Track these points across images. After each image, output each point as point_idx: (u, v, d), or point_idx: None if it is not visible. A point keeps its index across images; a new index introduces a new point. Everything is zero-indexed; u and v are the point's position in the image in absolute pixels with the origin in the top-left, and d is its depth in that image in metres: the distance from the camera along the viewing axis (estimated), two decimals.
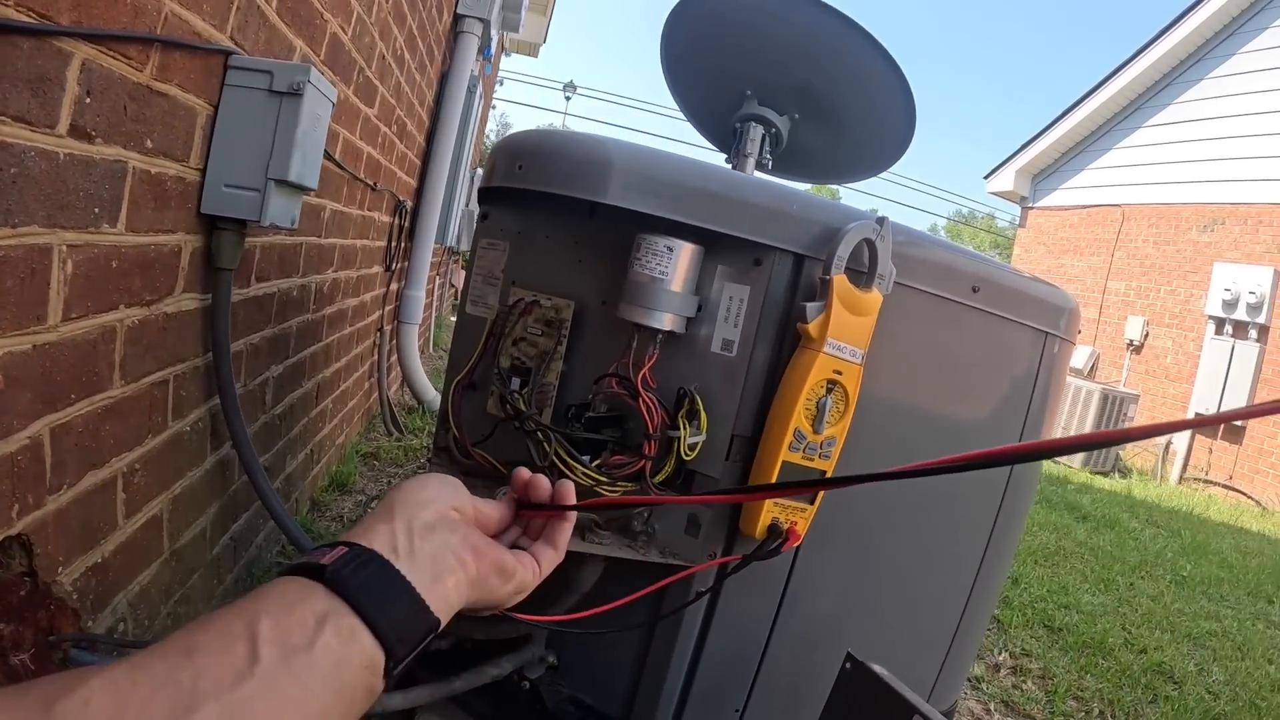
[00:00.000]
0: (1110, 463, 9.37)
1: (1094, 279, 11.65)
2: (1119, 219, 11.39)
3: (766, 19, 2.15)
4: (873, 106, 2.23)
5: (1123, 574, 4.62)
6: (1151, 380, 10.69)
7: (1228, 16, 10.29)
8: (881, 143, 2.38)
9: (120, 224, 1.21)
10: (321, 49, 2.00)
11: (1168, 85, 11.07)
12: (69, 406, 1.15)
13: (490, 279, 1.64)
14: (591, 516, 1.38)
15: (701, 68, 2.39)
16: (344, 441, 3.43)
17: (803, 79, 2.16)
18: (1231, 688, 3.19)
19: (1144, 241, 11.08)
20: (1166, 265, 10.76)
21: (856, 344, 1.32)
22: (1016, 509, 1.80)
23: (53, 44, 0.97)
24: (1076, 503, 6.44)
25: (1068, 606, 3.75)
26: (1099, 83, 11.66)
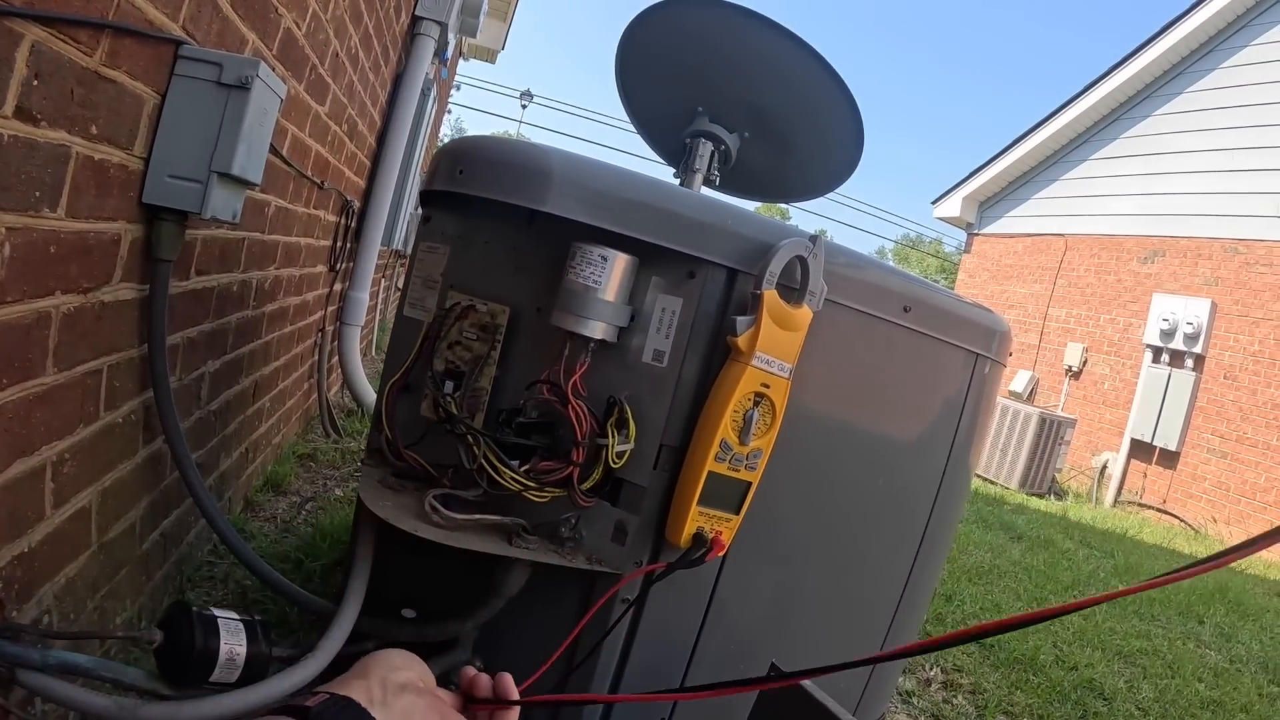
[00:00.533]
0: (1046, 484, 9.57)
1: (1036, 305, 11.92)
2: (1062, 248, 11.66)
3: (721, 37, 2.19)
4: (822, 128, 2.28)
5: (1056, 593, 4.71)
6: (1089, 406, 10.95)
7: (1177, 56, 10.64)
8: (830, 164, 2.43)
9: (61, 209, 1.20)
10: (274, 43, 2.00)
11: (1116, 119, 11.39)
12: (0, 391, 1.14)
13: (429, 282, 1.65)
14: (519, 520, 1.40)
15: (655, 82, 2.42)
16: (280, 442, 3.39)
17: (754, 98, 2.20)
18: (1161, 705, 3.27)
19: (1086, 270, 11.37)
20: (1107, 294, 11.04)
21: (785, 358, 1.36)
22: (945, 521, 1.85)
23: (4, 24, 0.97)
24: (1012, 523, 6.56)
25: None
26: (1048, 115, 11.96)
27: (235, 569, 2.29)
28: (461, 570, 1.46)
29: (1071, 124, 11.70)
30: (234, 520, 2.58)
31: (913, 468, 1.73)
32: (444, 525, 1.36)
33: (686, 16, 2.23)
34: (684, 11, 2.22)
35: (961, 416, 1.76)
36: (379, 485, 1.52)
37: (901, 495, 1.73)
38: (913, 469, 1.73)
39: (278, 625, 2.07)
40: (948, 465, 1.76)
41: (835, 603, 1.71)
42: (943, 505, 1.80)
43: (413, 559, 1.53)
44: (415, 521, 1.37)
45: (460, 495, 1.41)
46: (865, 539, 1.70)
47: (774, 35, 2.11)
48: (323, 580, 2.38)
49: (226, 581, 2.26)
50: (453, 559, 1.37)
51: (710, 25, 2.21)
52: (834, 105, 2.19)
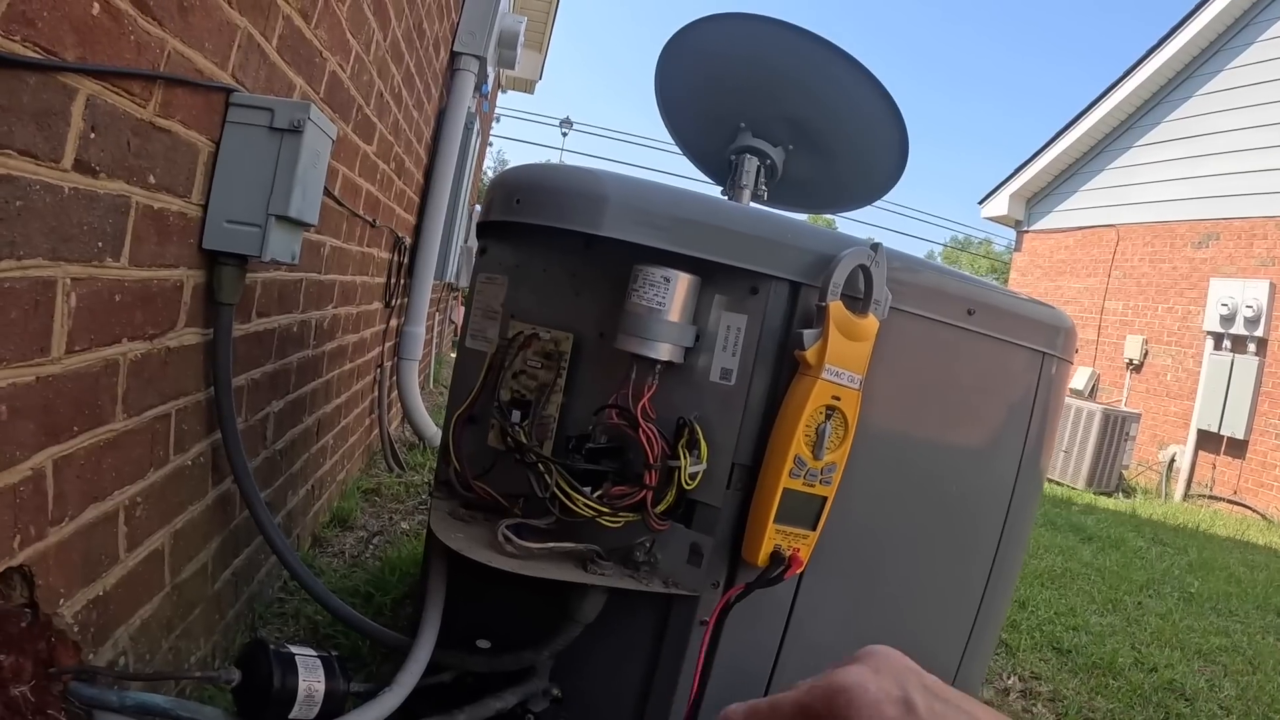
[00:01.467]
0: (1114, 482, 9.34)
1: (1091, 300, 11.67)
2: (1114, 239, 11.43)
3: (758, 52, 2.18)
4: (865, 135, 2.26)
5: (1130, 593, 4.58)
6: (1152, 399, 10.68)
7: (1213, 34, 10.40)
8: (875, 171, 2.40)
9: (123, 258, 1.22)
10: (321, 87, 2.02)
11: (1158, 104, 11.15)
12: (71, 438, 1.15)
13: (489, 313, 1.65)
14: (593, 547, 1.38)
15: (695, 102, 2.42)
16: (345, 477, 3.42)
17: (795, 110, 2.19)
18: (1244, 702, 3.16)
19: (1140, 260, 11.11)
20: (1163, 283, 10.78)
21: (854, 369, 1.33)
22: (1019, 526, 1.80)
23: (58, 79, 0.99)
24: (1081, 524, 6.40)
25: (1076, 628, 3.72)
26: (1089, 105, 11.75)
27: (306, 604, 2.30)
28: (534, 599, 1.45)
29: (1113, 112, 11.48)
30: (303, 556, 2.60)
31: (985, 473, 1.69)
32: (518, 555, 1.35)
33: (721, 33, 2.22)
34: (718, 28, 2.22)
35: (1031, 418, 1.71)
36: (449, 517, 1.51)
37: (974, 502, 1.69)
38: (985, 474, 1.69)
39: (350, 659, 2.06)
40: (1020, 469, 1.72)
41: (911, 616, 1.67)
42: (1017, 510, 1.75)
43: (485, 589, 1.53)
44: (489, 552, 1.36)
45: (532, 524, 1.40)
46: (940, 549, 1.66)
47: (811, 45, 2.10)
48: (392, 613, 2.38)
49: (298, 617, 2.27)
50: (525, 588, 1.36)
51: (746, 40, 2.20)
52: (876, 112, 2.16)
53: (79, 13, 1.00)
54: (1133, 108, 11.39)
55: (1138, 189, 11.18)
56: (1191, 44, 10.55)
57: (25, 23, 0.90)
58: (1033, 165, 12.58)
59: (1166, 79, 10.98)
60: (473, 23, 4.35)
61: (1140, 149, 11.28)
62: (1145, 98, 11.25)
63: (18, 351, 1.00)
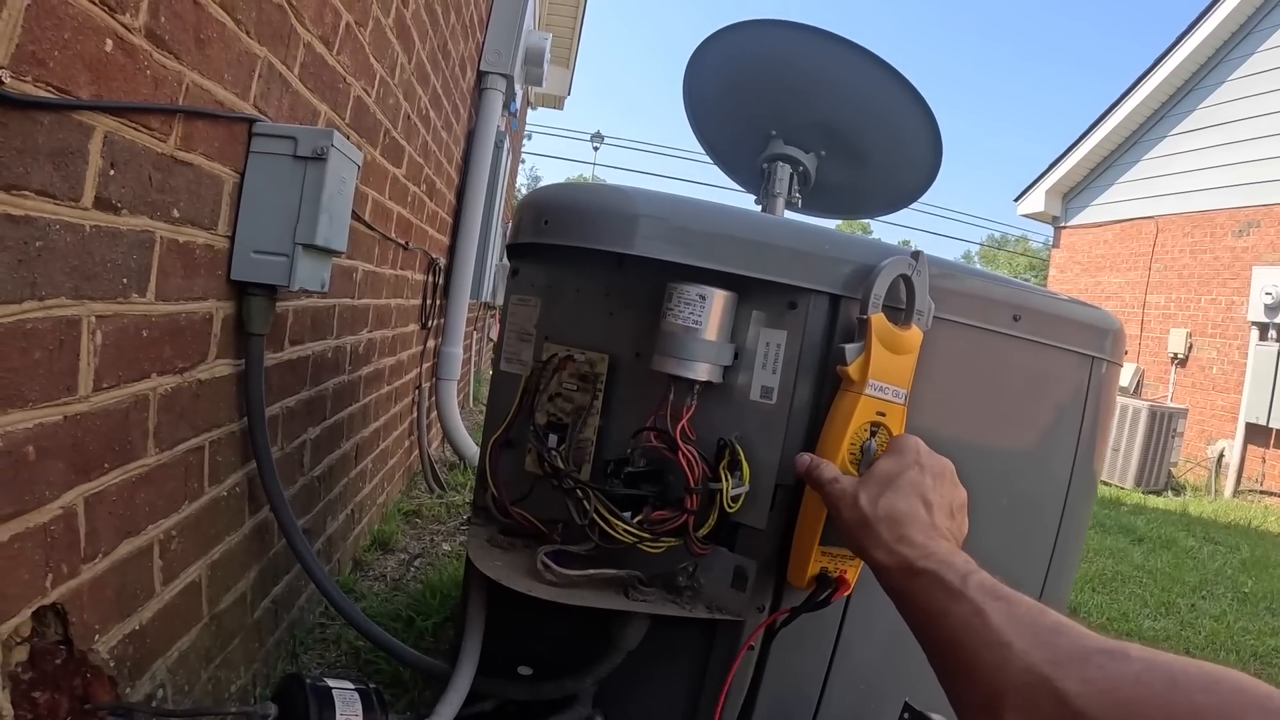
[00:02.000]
0: (1162, 480, 9.15)
1: (1133, 294, 11.45)
2: (1153, 231, 11.21)
3: (786, 57, 2.14)
4: (898, 138, 2.21)
5: (1183, 595, 4.49)
6: (1198, 393, 10.44)
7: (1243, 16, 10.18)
8: (910, 173, 2.36)
9: (149, 293, 1.22)
10: (346, 112, 2.02)
11: (1190, 91, 10.94)
12: (102, 475, 1.15)
13: (523, 335, 1.63)
14: (634, 573, 1.35)
15: (725, 110, 2.39)
16: (385, 500, 3.42)
17: (826, 115, 2.15)
18: None
19: (1180, 251, 10.88)
20: (1205, 274, 10.54)
21: (899, 384, 1.29)
22: (1073, 535, 1.74)
23: (73, 118, 0.98)
24: (1131, 525, 6.28)
25: (1129, 634, 3.64)
26: (1121, 95, 11.56)
27: (347, 630, 2.29)
28: (576, 625, 1.42)
29: (1146, 101, 11.28)
30: (344, 581, 2.59)
31: (1036, 483, 1.64)
32: (558, 583, 1.32)
33: (748, 40, 2.19)
34: (745, 36, 2.18)
35: (1083, 424, 1.66)
36: (487, 544, 1.49)
37: (1027, 512, 1.63)
38: (1036, 484, 1.64)
39: (392, 686, 2.05)
40: (1072, 477, 1.67)
41: None
42: (1070, 519, 1.70)
43: (526, 616, 1.50)
44: (529, 580, 1.33)
45: (572, 550, 1.37)
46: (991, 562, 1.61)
47: (839, 48, 2.06)
48: (435, 637, 2.36)
49: (339, 643, 2.26)
50: (567, 614, 1.33)
51: (773, 46, 2.16)
52: (908, 112, 2.12)
53: (91, 50, 0.99)
54: (1165, 96, 11.19)
55: (1174, 179, 10.97)
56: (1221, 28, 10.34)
57: (36, 63, 0.89)
58: (1068, 159, 12.40)
59: (1199, 64, 10.77)
60: (498, 42, 4.36)
61: (1175, 138, 11.08)
62: (1178, 85, 11.05)
63: (44, 392, 0.99)
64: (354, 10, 1.94)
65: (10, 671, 0.99)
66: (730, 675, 1.34)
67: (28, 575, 1.00)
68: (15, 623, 0.98)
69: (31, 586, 1.01)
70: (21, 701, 1.01)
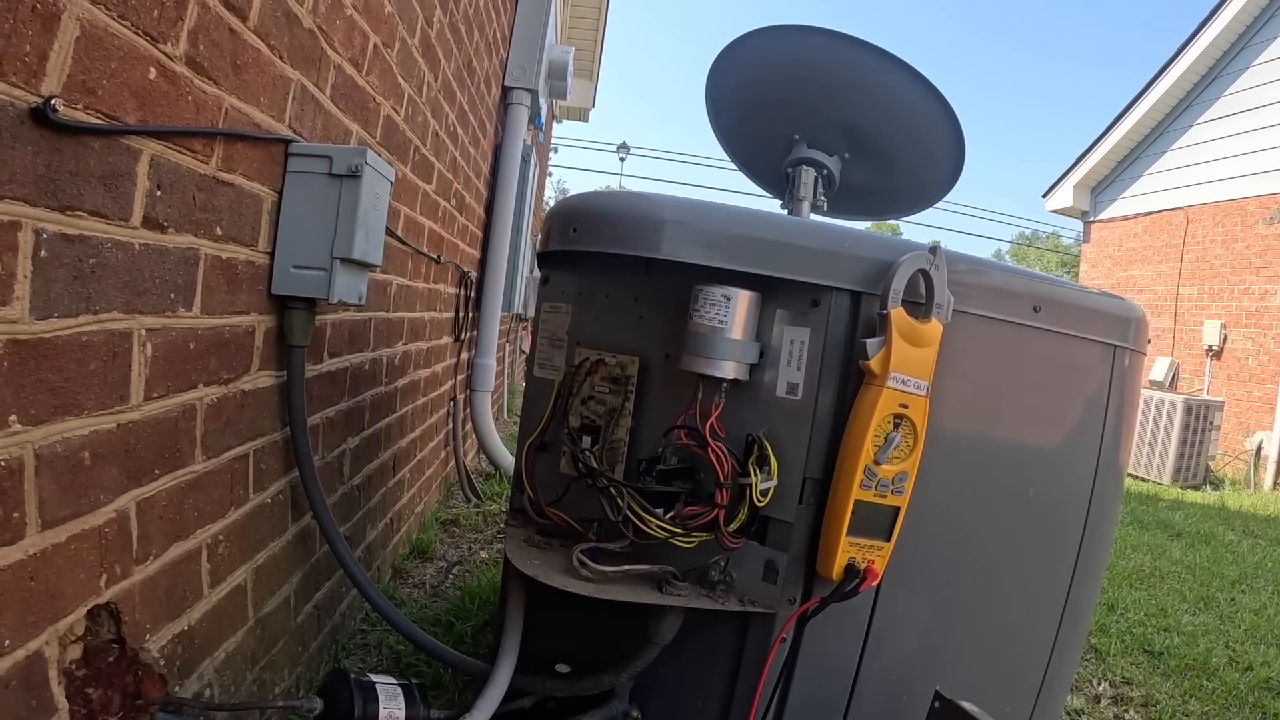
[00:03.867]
0: (1200, 474, 9.02)
1: (1165, 287, 11.29)
2: (1183, 222, 11.05)
3: (807, 61, 2.17)
4: (921, 138, 2.23)
5: (1222, 590, 4.43)
6: (1234, 385, 10.26)
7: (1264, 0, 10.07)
8: (934, 172, 2.37)
9: (195, 307, 1.27)
10: (377, 131, 2.08)
11: (1215, 79, 10.78)
12: (153, 481, 1.21)
13: (555, 341, 1.67)
14: (668, 568, 1.38)
15: (748, 116, 2.42)
16: (423, 509, 3.48)
17: (849, 118, 2.17)
18: None
19: (1211, 241, 10.72)
20: (1237, 263, 10.37)
21: (921, 376, 1.32)
22: (1102, 526, 1.75)
23: (121, 142, 1.04)
24: (1169, 520, 6.20)
25: (1168, 629, 3.60)
26: (1145, 86, 11.42)
27: (388, 635, 2.34)
28: (612, 621, 1.45)
29: (1170, 91, 11.13)
30: (383, 588, 2.64)
31: (1062, 473, 1.65)
32: (594, 579, 1.36)
33: (769, 46, 2.22)
34: (766, 41, 2.22)
35: (1107, 414, 1.67)
36: (525, 544, 1.53)
37: (1053, 503, 1.65)
38: (1062, 474, 1.65)
39: (433, 687, 2.09)
40: (1098, 466, 1.68)
41: (994, 622, 1.63)
42: (1098, 509, 1.71)
43: (562, 614, 1.53)
44: (565, 578, 1.37)
45: (607, 548, 1.40)
46: (1020, 552, 1.63)
47: (859, 51, 2.09)
48: (474, 641, 2.40)
49: (380, 648, 2.31)
50: (602, 611, 1.37)
51: (794, 51, 2.19)
52: (930, 113, 2.14)
53: (137, 78, 1.04)
54: (1190, 85, 11.04)
55: (1202, 168, 10.81)
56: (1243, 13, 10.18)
57: (86, 91, 0.95)
58: (1094, 153, 12.26)
59: (1221, 51, 10.62)
60: (521, 57, 4.42)
61: (1201, 127, 10.92)
62: (1201, 73, 10.90)
63: (98, 400, 1.05)
64: (381, 32, 2.00)
65: (65, 668, 1.04)
66: (765, 667, 1.37)
67: (83, 575, 1.05)
68: (70, 620, 1.04)
69: (86, 586, 1.06)
70: (76, 697, 1.06)
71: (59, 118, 0.90)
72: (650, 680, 1.51)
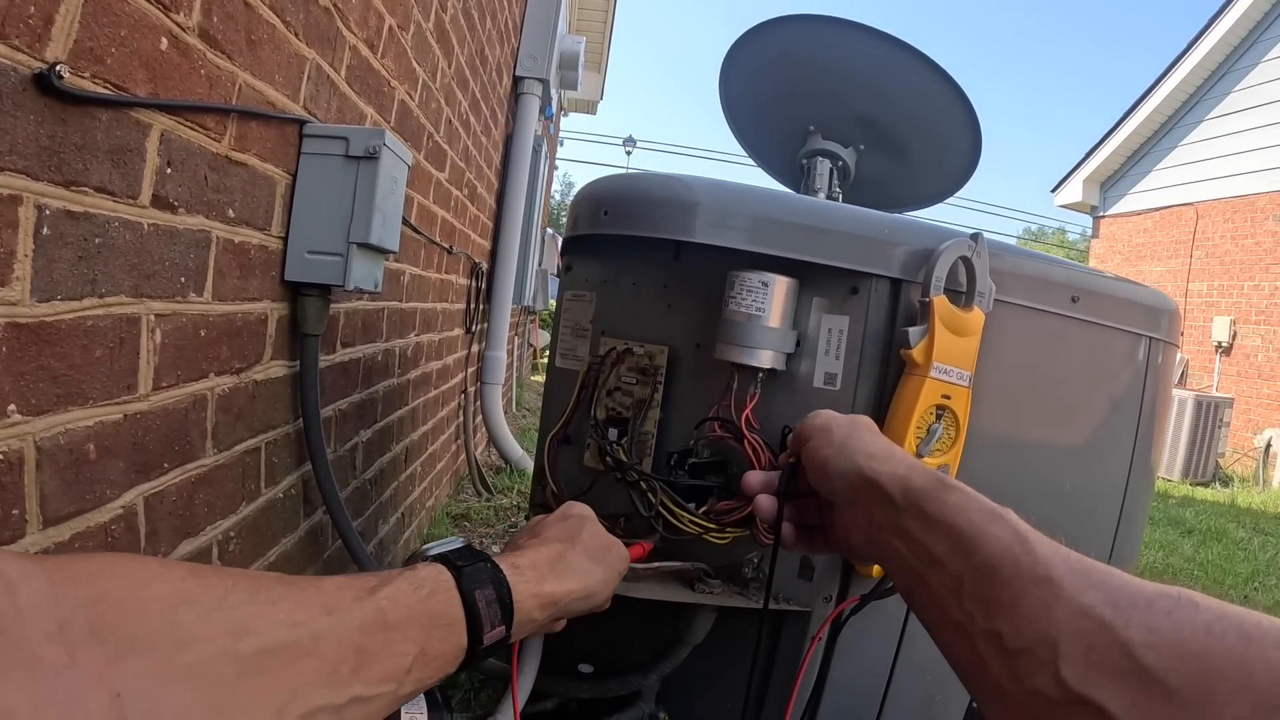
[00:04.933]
0: (1210, 471, 8.97)
1: (1174, 283, 11.23)
2: (1193, 217, 11.00)
3: (821, 52, 2.13)
4: (937, 129, 2.19)
5: (1235, 587, 4.42)
6: (1244, 382, 10.22)
7: None
8: (949, 165, 2.33)
9: (207, 293, 1.22)
10: (391, 115, 2.02)
11: (1225, 74, 10.75)
12: (162, 475, 1.15)
13: (578, 331, 1.61)
14: (701, 565, 1.33)
15: (762, 108, 2.37)
16: (434, 504, 3.43)
17: (864, 109, 2.13)
18: None
19: (1221, 237, 10.68)
20: (1247, 259, 10.33)
21: (963, 366, 1.26)
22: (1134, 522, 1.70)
23: (131, 115, 0.98)
24: (1180, 517, 6.19)
25: None
26: (1155, 81, 11.39)
27: None
28: (639, 620, 1.40)
29: (1180, 86, 11.10)
30: None
31: (1098, 465, 1.60)
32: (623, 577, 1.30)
33: (783, 37, 2.17)
34: (780, 32, 2.17)
35: (1142, 407, 1.62)
36: None
37: (1089, 497, 1.60)
38: (1099, 466, 1.60)
39: (451, 688, 2.04)
40: (1133, 459, 1.63)
41: None
42: (1130, 506, 1.66)
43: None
44: None
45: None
46: None
47: (875, 42, 2.05)
48: None
49: None
50: (629, 609, 1.31)
51: (809, 41, 2.15)
52: (945, 104, 2.10)
53: (148, 48, 0.99)
54: (1199, 80, 11.01)
55: (1212, 164, 10.78)
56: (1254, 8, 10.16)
57: (94, 59, 0.89)
58: (1104, 148, 12.22)
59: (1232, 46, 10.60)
60: (533, 46, 4.38)
61: (1211, 122, 10.88)
62: (1211, 69, 10.87)
63: (104, 390, 0.99)
64: (396, 14, 1.95)
65: None
66: (802, 668, 1.32)
67: None
68: None
69: None
70: None
71: (64, 85, 0.84)
72: (680, 681, 1.46)
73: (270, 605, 0.55)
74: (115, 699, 0.43)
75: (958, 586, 0.64)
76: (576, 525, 0.96)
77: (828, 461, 0.85)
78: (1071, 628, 0.53)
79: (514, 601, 0.75)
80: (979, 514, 0.66)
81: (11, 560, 0.44)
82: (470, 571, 0.72)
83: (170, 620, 0.49)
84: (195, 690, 0.47)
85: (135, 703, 0.44)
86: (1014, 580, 0.60)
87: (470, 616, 0.70)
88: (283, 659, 0.53)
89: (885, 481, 0.76)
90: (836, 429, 0.89)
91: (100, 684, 0.43)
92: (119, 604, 0.47)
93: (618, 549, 0.99)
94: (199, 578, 0.53)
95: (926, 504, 0.70)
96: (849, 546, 0.86)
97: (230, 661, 0.50)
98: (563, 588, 0.82)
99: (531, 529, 0.97)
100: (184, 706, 0.47)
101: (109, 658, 0.44)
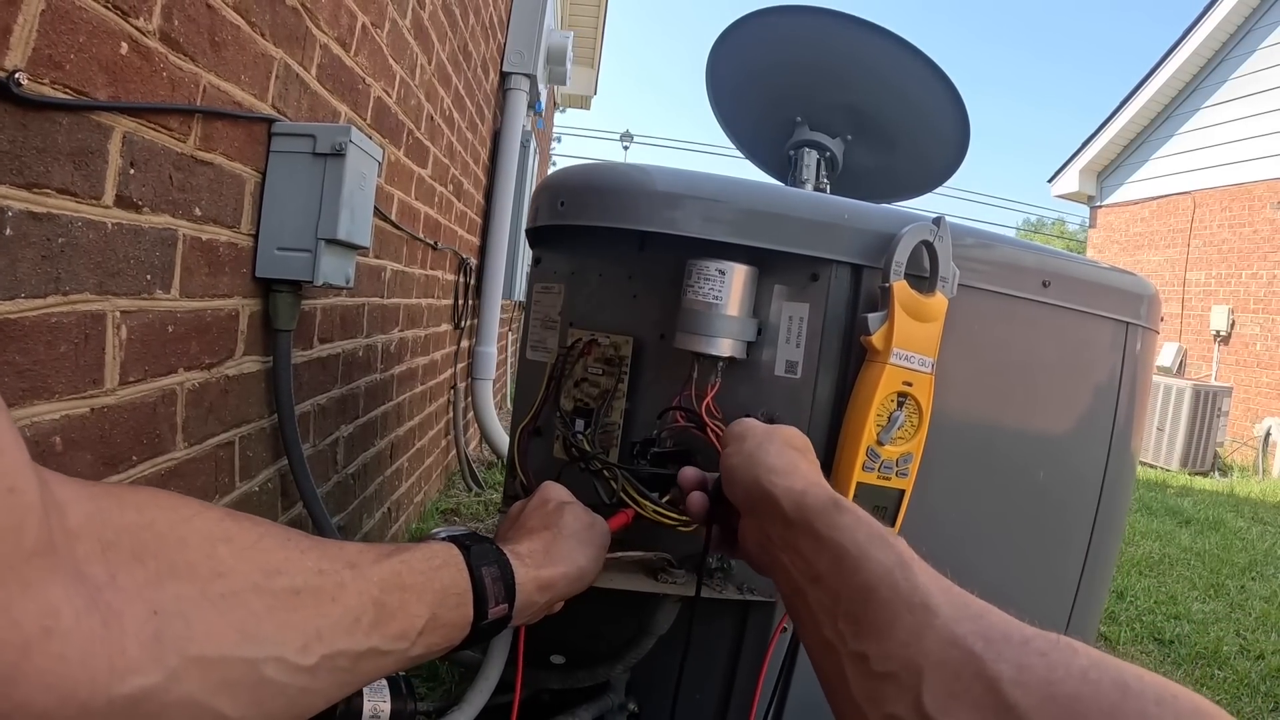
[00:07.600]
0: (1209, 461, 8.97)
1: (1173, 272, 11.22)
2: (1190, 206, 10.99)
3: (809, 42, 2.13)
4: (925, 118, 2.19)
5: (1232, 577, 4.41)
6: (1243, 370, 10.21)
7: None
8: (938, 155, 2.33)
9: (174, 290, 1.23)
10: (367, 113, 2.04)
11: (1221, 62, 10.73)
12: (131, 468, 1.17)
13: (548, 323, 1.63)
14: (664, 555, 1.34)
15: (749, 98, 2.38)
16: (423, 499, 3.45)
17: (851, 99, 2.14)
18: None
19: (1219, 226, 10.66)
20: (1244, 248, 10.32)
21: (925, 352, 1.27)
22: (1114, 510, 1.70)
23: (91, 118, 1.00)
24: (1178, 507, 6.17)
25: (1178, 617, 3.57)
26: (1152, 69, 11.36)
27: None
28: (608, 611, 1.41)
29: (1176, 74, 11.08)
30: None
31: (1074, 455, 1.60)
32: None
33: (771, 27, 2.18)
34: (767, 22, 2.17)
35: (1119, 393, 1.62)
36: None
37: (1064, 487, 1.60)
38: (1074, 456, 1.60)
39: (428, 680, 2.07)
40: (1111, 448, 1.63)
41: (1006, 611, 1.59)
42: (1110, 494, 1.66)
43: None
44: None
45: None
46: (1029, 540, 1.58)
47: (862, 32, 2.05)
48: None
49: None
50: (597, 600, 1.32)
51: (796, 32, 2.15)
52: (933, 93, 2.10)
53: (107, 53, 1.01)
54: (1196, 68, 10.99)
55: (1210, 152, 10.76)
56: None
57: (53, 65, 0.91)
58: (1100, 137, 12.20)
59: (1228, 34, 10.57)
60: (519, 42, 4.39)
61: (1208, 110, 10.87)
62: (1207, 57, 10.85)
63: (70, 384, 1.01)
64: (369, 12, 1.96)
65: None
66: (766, 658, 1.33)
67: None
68: None
69: None
70: None
71: (23, 92, 0.86)
72: (649, 672, 1.47)
73: (299, 553, 0.60)
74: (152, 615, 0.47)
75: (834, 605, 0.64)
76: (557, 511, 1.01)
77: (734, 470, 0.87)
78: (939, 656, 0.53)
79: (516, 584, 0.81)
80: (867, 536, 0.66)
81: (65, 484, 0.48)
82: (478, 550, 0.79)
83: (208, 552, 0.53)
84: (227, 617, 0.52)
85: (170, 621, 0.48)
86: (890, 603, 0.60)
87: (477, 591, 0.75)
88: (309, 600, 0.58)
89: (780, 496, 0.76)
90: (750, 438, 0.91)
91: (139, 601, 0.47)
92: (162, 534, 0.52)
93: (599, 525, 1.05)
94: (235, 520, 0.58)
95: (817, 522, 0.70)
96: (747, 555, 0.88)
97: (261, 595, 0.54)
98: (557, 571, 0.90)
99: (514, 518, 1.02)
100: (215, 630, 0.51)
101: (149, 579, 0.49)
